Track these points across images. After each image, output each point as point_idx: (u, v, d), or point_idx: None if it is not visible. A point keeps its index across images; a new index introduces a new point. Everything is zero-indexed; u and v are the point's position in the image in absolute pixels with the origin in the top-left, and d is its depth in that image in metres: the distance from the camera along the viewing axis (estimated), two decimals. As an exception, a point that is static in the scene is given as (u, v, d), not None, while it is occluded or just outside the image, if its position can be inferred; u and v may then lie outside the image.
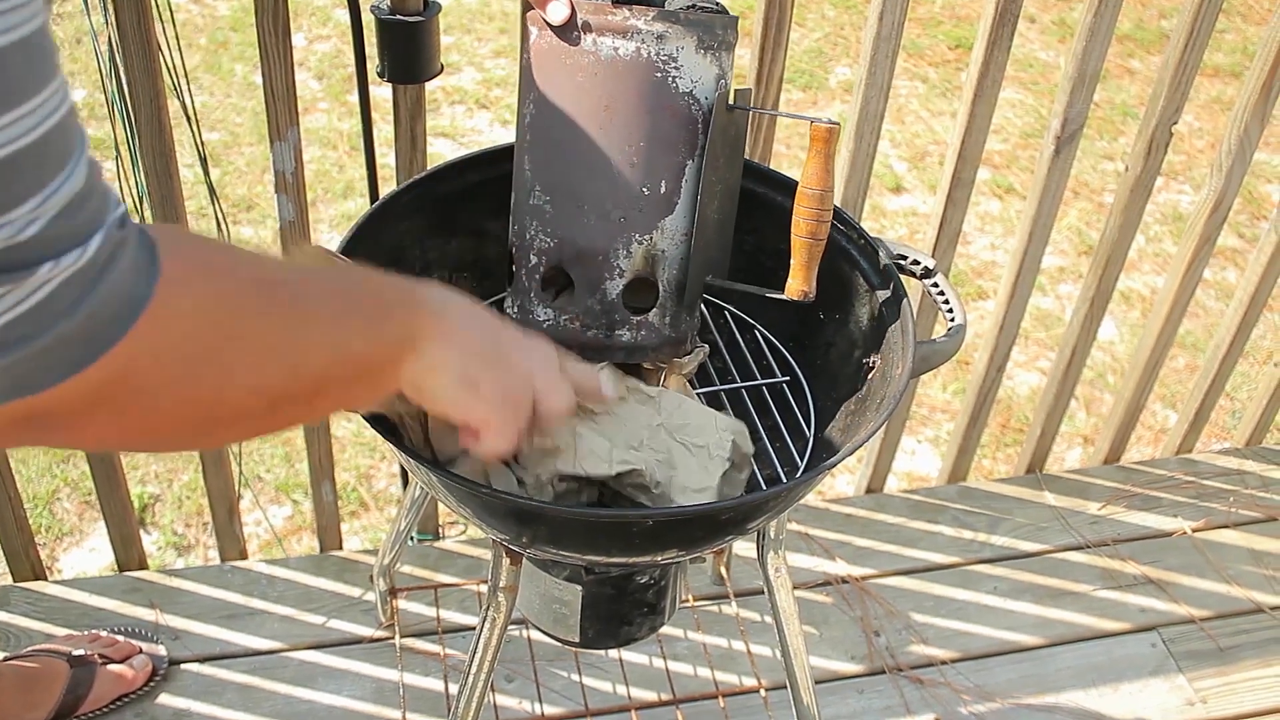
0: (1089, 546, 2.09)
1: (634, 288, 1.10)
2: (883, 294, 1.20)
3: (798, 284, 1.10)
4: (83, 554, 2.24)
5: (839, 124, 1.02)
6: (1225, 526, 2.15)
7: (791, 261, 1.09)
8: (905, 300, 1.18)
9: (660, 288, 1.10)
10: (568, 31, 1.03)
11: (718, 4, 1.08)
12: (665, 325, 1.11)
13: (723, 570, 1.93)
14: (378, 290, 0.81)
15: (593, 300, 1.09)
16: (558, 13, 1.02)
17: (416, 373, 0.80)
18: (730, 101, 1.07)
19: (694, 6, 1.05)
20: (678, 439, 1.08)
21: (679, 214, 1.08)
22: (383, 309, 0.79)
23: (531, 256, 1.11)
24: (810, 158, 1.05)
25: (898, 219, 3.37)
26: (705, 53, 1.04)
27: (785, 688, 1.44)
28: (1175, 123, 1.80)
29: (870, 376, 1.20)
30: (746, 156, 1.33)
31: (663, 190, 1.06)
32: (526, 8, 1.07)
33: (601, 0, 1.02)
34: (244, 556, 1.97)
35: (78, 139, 0.55)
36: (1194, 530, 2.13)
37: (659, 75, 1.03)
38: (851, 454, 1.08)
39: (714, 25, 1.04)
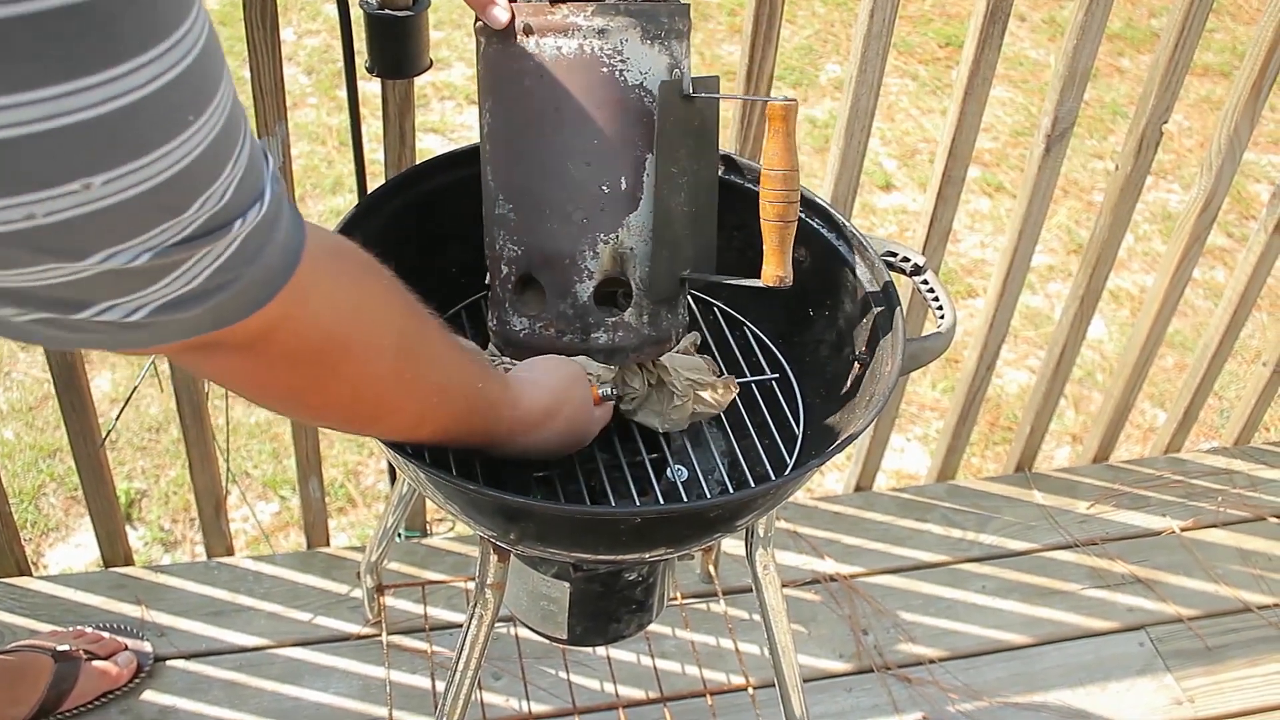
0: (1077, 545, 2.09)
1: (606, 289, 1.09)
2: (872, 291, 1.20)
3: (772, 269, 1.06)
4: (68, 550, 2.23)
5: (795, 100, 1.00)
6: (1213, 526, 2.15)
7: (764, 248, 1.06)
8: (895, 298, 1.17)
9: (633, 286, 1.09)
10: (511, 36, 1.02)
11: None
12: (643, 325, 1.11)
13: (711, 568, 1.93)
14: (480, 360, 1.01)
15: (564, 305, 1.08)
16: (500, 17, 1.02)
17: (506, 452, 1.05)
18: (686, 90, 1.05)
19: None
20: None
21: (644, 210, 1.07)
22: (486, 375, 0.97)
23: (503, 266, 1.11)
24: (770, 138, 1.02)
25: (888, 216, 3.37)
26: (652, 43, 1.02)
27: (773, 686, 1.44)
28: (1165, 121, 1.80)
29: (859, 374, 1.20)
30: (736, 153, 1.33)
31: (624, 187, 1.05)
32: (477, 19, 1.07)
33: (541, 1, 1.01)
34: (230, 553, 1.96)
35: (241, 108, 0.61)
36: (1182, 529, 2.14)
37: (605, 70, 1.01)
38: (840, 452, 1.08)
39: (658, 14, 1.02)
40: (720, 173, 1.30)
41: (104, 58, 0.50)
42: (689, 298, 1.32)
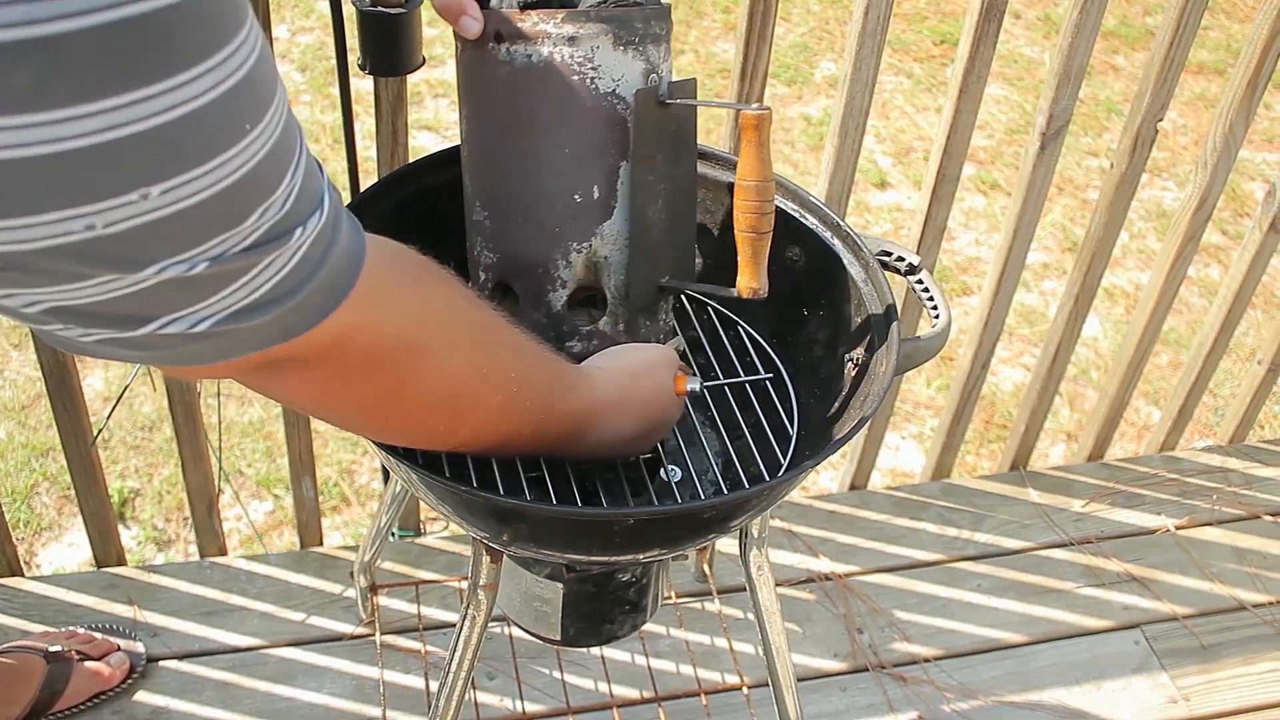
0: (1073, 544, 2.08)
1: (580, 297, 1.08)
2: (867, 290, 1.19)
3: (746, 280, 1.05)
4: (61, 549, 2.22)
5: (769, 110, 0.98)
6: (1209, 524, 2.15)
7: (738, 258, 1.05)
8: (890, 297, 1.17)
9: (608, 295, 1.08)
10: (483, 44, 1.00)
11: None
12: (620, 334, 1.10)
13: (705, 567, 1.93)
14: (551, 353, 0.96)
15: (538, 314, 1.07)
16: (470, 28, 1.00)
17: (577, 452, 1.04)
18: (662, 96, 1.03)
19: (605, 2, 1.00)
20: None
21: (618, 218, 1.05)
22: (559, 365, 0.96)
23: (480, 273, 1.10)
24: (743, 148, 1.00)
25: (882, 214, 3.37)
26: (626, 49, 1.00)
27: (768, 685, 1.44)
28: (1161, 119, 1.80)
29: (854, 374, 1.19)
30: (728, 152, 1.32)
31: (596, 196, 1.03)
32: None
33: (511, 8, 0.99)
34: (224, 552, 1.95)
35: (297, 125, 0.62)
36: (1177, 528, 2.13)
37: (576, 79, 0.99)
38: (834, 452, 1.07)
39: (631, 20, 1.00)
40: (719, 172, 1.29)
41: (164, 68, 0.50)
42: (682, 298, 1.32)
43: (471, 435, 0.90)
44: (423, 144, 3.30)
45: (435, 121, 3.47)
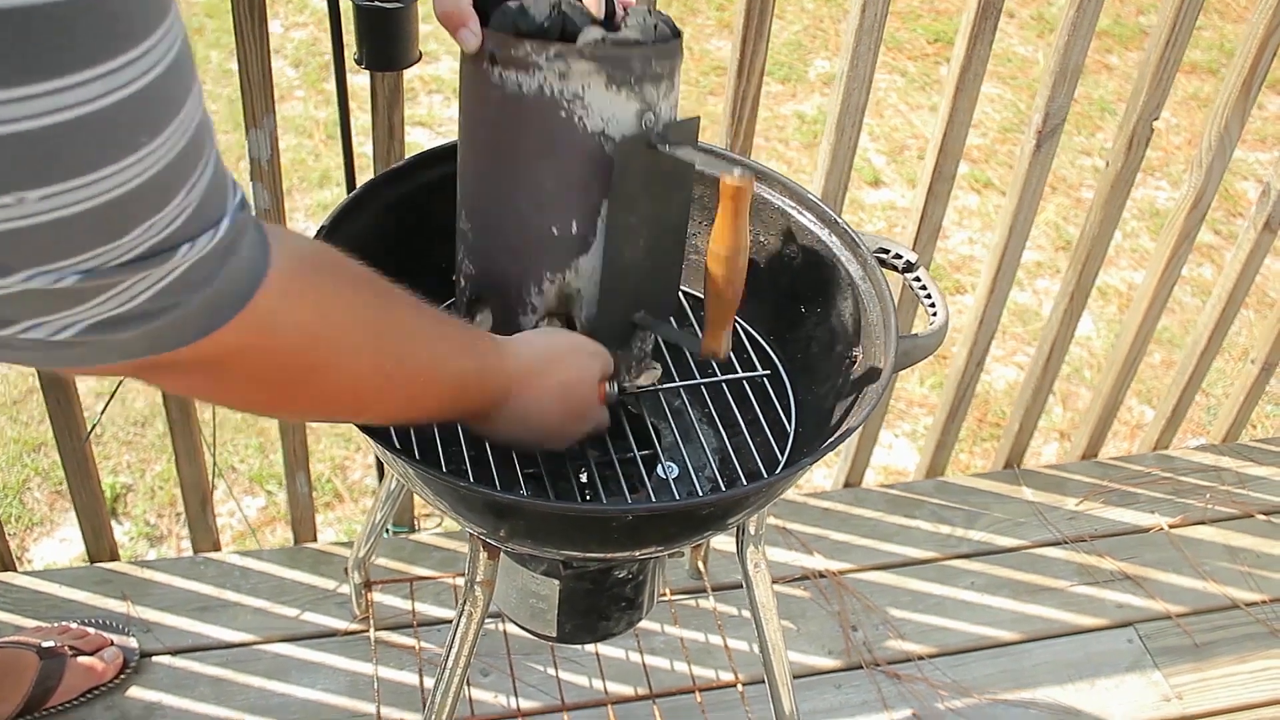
0: (1066, 542, 2.09)
1: (551, 323, 1.07)
2: (865, 288, 1.19)
3: (708, 342, 1.04)
4: (53, 544, 2.22)
5: (751, 180, 0.93)
6: (1202, 523, 2.15)
7: (705, 317, 1.03)
8: (888, 295, 1.17)
9: (578, 326, 1.07)
10: (480, 61, 0.97)
11: (661, 23, 0.99)
12: None
13: (700, 565, 1.92)
14: (467, 329, 0.95)
15: (508, 332, 1.06)
16: (468, 41, 0.97)
17: (485, 431, 1.01)
18: (653, 140, 0.98)
19: (605, 39, 0.95)
20: None
21: (595, 254, 1.03)
22: (472, 344, 0.93)
23: (461, 279, 1.10)
24: (719, 215, 0.95)
25: (876, 212, 3.37)
26: (619, 89, 0.96)
27: (762, 683, 1.44)
28: (1156, 118, 1.80)
29: (852, 371, 1.19)
30: (724, 148, 1.32)
31: (574, 231, 1.01)
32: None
33: (508, 33, 0.96)
34: (217, 548, 1.95)
35: (209, 131, 0.59)
36: (1171, 526, 2.14)
37: (563, 115, 0.96)
38: (833, 450, 1.07)
39: (628, 60, 0.95)
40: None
41: (53, 66, 0.48)
42: (680, 294, 1.32)
43: (379, 418, 0.92)
44: (417, 140, 3.29)
45: (429, 117, 3.46)
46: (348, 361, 0.77)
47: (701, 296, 1.35)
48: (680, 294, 1.32)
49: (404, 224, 1.24)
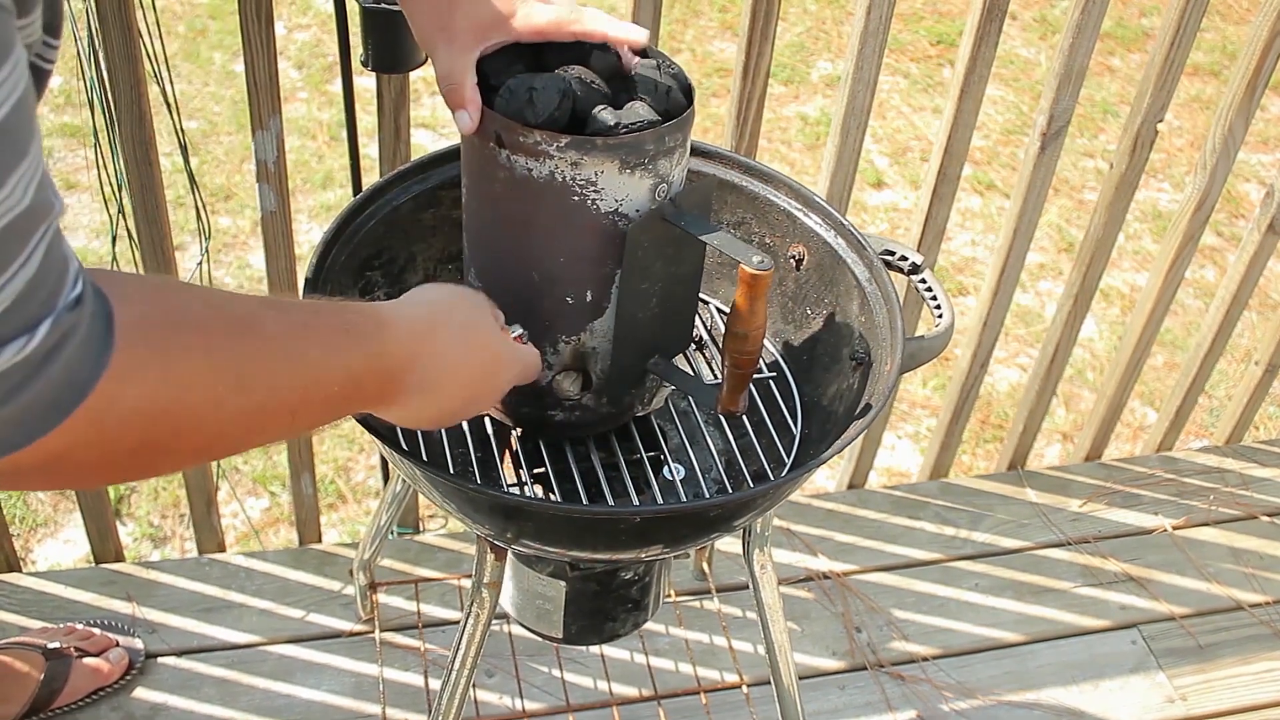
0: (1070, 543, 2.09)
1: (566, 376, 1.08)
2: (871, 290, 1.19)
3: (726, 403, 1.07)
4: (58, 545, 2.22)
5: (771, 270, 0.94)
6: (1205, 524, 2.15)
7: (724, 378, 1.06)
8: (894, 297, 1.17)
9: (593, 378, 1.08)
10: (486, 140, 0.96)
11: (673, 84, 0.98)
12: (602, 405, 1.11)
13: (704, 566, 1.93)
14: (339, 316, 0.82)
15: (524, 384, 1.07)
16: (462, 123, 0.95)
17: (411, 412, 0.89)
18: (666, 213, 0.98)
19: (618, 126, 0.94)
20: None
21: (610, 315, 1.04)
22: (347, 332, 0.81)
23: None
24: (738, 295, 0.98)
25: (879, 214, 3.37)
26: (633, 170, 0.95)
27: (767, 683, 1.44)
28: (1160, 120, 1.80)
29: (858, 373, 1.19)
30: (729, 150, 1.32)
31: (589, 299, 1.02)
32: None
33: (515, 122, 0.93)
34: (222, 549, 1.95)
35: (41, 217, 0.52)
36: (1174, 528, 2.14)
37: (576, 199, 0.95)
38: (839, 452, 1.08)
39: (642, 144, 0.94)
40: (718, 172, 1.29)
41: None
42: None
43: (266, 442, 0.81)
44: (421, 141, 3.29)
45: (433, 119, 3.46)
46: (209, 414, 0.69)
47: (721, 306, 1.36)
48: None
49: (411, 225, 1.25)
